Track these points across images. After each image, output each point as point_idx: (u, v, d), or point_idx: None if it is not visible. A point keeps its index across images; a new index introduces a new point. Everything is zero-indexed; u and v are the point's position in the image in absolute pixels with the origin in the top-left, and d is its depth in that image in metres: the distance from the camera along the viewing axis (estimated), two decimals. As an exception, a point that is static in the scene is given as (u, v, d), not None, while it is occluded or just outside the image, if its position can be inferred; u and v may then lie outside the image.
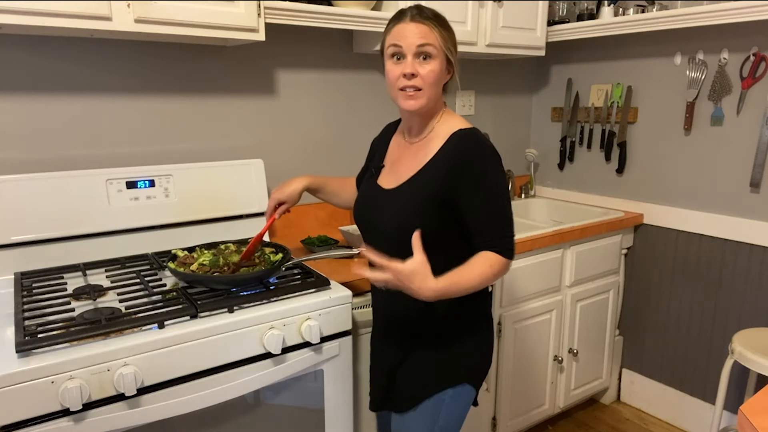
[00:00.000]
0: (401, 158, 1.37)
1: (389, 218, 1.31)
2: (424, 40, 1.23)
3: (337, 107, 2.22)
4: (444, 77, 1.30)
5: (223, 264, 1.48)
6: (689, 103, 2.27)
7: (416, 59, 1.24)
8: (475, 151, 1.26)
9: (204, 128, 1.93)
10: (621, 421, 2.55)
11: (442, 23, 1.27)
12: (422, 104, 1.27)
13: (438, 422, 1.35)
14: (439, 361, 1.35)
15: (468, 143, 1.27)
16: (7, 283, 1.53)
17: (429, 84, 1.25)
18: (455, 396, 1.35)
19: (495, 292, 2.04)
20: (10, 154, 1.62)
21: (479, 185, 1.24)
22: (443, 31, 1.26)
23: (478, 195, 1.24)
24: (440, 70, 1.27)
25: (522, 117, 2.91)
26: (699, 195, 2.31)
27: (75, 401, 1.11)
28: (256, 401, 1.44)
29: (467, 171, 1.24)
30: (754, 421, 0.92)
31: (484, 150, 1.27)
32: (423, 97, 1.27)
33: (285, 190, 1.60)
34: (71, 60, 1.67)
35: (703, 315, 2.35)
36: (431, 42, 1.24)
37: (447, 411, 1.35)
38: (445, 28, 1.27)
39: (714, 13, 2.01)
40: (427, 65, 1.25)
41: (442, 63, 1.27)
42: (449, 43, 1.27)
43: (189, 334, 1.26)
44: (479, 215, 1.25)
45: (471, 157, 1.25)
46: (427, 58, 1.25)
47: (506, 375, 2.14)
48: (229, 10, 1.58)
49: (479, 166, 1.25)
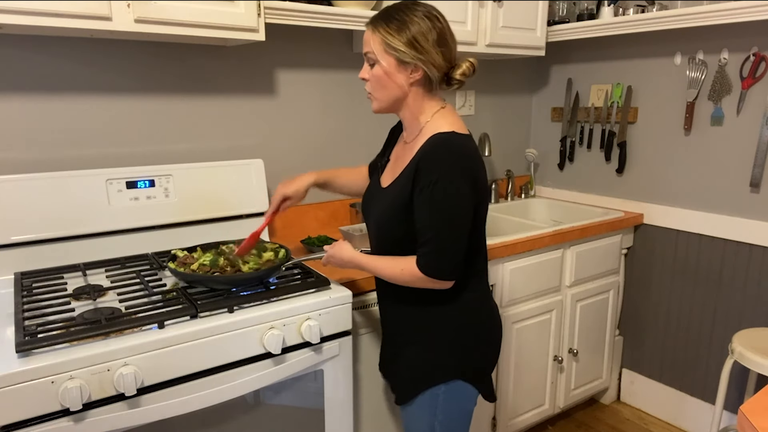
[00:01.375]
0: (399, 157, 1.39)
1: (375, 214, 1.37)
2: (366, 46, 1.27)
3: (337, 107, 2.22)
4: (400, 78, 1.26)
5: (223, 264, 1.48)
6: (689, 103, 2.27)
7: (367, 64, 1.29)
8: (435, 161, 1.21)
9: (204, 128, 1.93)
10: (621, 421, 2.55)
11: (389, 21, 1.23)
12: (377, 107, 1.32)
13: (437, 416, 1.37)
14: (430, 357, 1.36)
15: (433, 150, 1.23)
16: (7, 283, 1.53)
17: (374, 88, 1.29)
18: (449, 392, 1.36)
19: (495, 291, 2.04)
20: (10, 154, 1.62)
21: (424, 195, 1.21)
22: (388, 32, 1.22)
23: (421, 204, 1.23)
24: (384, 73, 1.25)
25: (522, 117, 2.91)
26: (699, 195, 2.31)
27: (75, 401, 1.11)
28: (256, 401, 1.44)
29: (421, 177, 1.22)
30: (754, 421, 0.92)
31: (444, 162, 1.21)
32: (375, 100, 1.31)
33: (292, 185, 1.56)
34: (71, 60, 1.67)
35: (703, 315, 2.35)
36: (370, 48, 1.26)
37: (444, 406, 1.36)
38: (393, 27, 1.22)
39: (714, 13, 2.01)
40: (372, 70, 1.28)
41: (390, 66, 1.25)
42: (398, 42, 1.22)
43: (189, 334, 1.26)
44: (419, 224, 1.24)
45: (429, 164, 1.22)
46: (373, 64, 1.27)
47: (506, 375, 2.14)
48: (229, 10, 1.58)
49: (432, 176, 1.20)
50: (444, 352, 1.35)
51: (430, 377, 1.36)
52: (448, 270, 1.24)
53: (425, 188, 1.21)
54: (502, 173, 2.86)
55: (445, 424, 1.38)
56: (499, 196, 2.78)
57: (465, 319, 1.36)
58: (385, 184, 1.38)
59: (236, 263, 1.50)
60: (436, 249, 1.22)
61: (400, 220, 1.28)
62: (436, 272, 1.23)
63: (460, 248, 1.24)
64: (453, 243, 1.23)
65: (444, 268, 1.24)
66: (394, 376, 1.47)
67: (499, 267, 2.02)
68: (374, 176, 1.47)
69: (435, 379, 1.35)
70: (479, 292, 1.38)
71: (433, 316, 1.34)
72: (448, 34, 1.27)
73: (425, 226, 1.23)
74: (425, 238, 1.23)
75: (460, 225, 1.23)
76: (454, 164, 1.21)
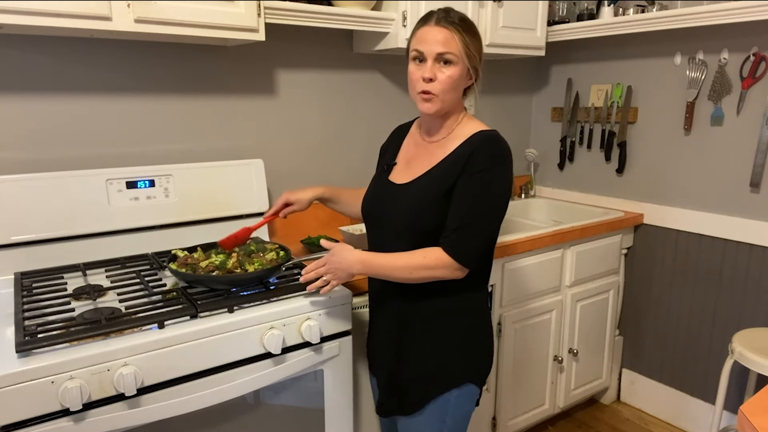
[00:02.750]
0: (417, 156, 1.38)
1: (401, 209, 1.32)
2: (444, 46, 1.24)
3: (337, 107, 2.22)
4: (464, 82, 1.31)
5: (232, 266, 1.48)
6: (689, 103, 2.27)
7: (436, 63, 1.26)
8: (490, 150, 1.26)
9: (204, 128, 1.93)
10: (621, 421, 2.55)
11: (467, 28, 1.27)
12: (437, 108, 1.30)
13: (446, 422, 1.35)
14: (441, 363, 1.34)
15: (487, 142, 1.28)
16: (7, 283, 1.53)
17: (445, 89, 1.27)
18: (460, 396, 1.34)
19: (495, 291, 2.04)
20: (10, 154, 1.62)
21: (473, 180, 1.24)
22: (467, 37, 1.26)
23: (467, 188, 1.24)
24: (459, 76, 1.27)
25: (522, 117, 2.91)
26: (699, 195, 2.31)
27: (75, 401, 1.11)
28: (256, 401, 1.44)
29: (472, 163, 1.24)
30: (754, 421, 0.92)
31: (498, 152, 1.27)
32: (438, 102, 1.29)
33: (297, 193, 1.61)
34: (71, 60, 1.67)
35: (703, 315, 2.35)
36: (451, 49, 1.25)
37: (453, 411, 1.35)
38: (471, 33, 1.27)
39: (714, 13, 2.01)
40: (446, 70, 1.26)
41: (463, 69, 1.27)
42: (472, 49, 1.27)
43: (189, 334, 1.26)
44: (457, 207, 1.24)
45: (482, 154, 1.25)
46: (447, 64, 1.26)
47: (506, 375, 2.14)
48: (229, 10, 1.58)
49: (487, 164, 1.24)
50: (455, 354, 1.34)
51: (443, 382, 1.33)
52: (473, 256, 1.25)
53: (476, 174, 1.23)
54: (502, 173, 2.86)
55: (453, 429, 1.36)
56: (499, 196, 2.78)
57: (471, 317, 1.36)
58: (402, 181, 1.36)
59: (244, 264, 1.50)
60: (470, 233, 1.23)
61: (439, 209, 1.27)
62: (464, 257, 1.23)
63: (488, 239, 1.28)
64: (485, 232, 1.26)
65: (471, 255, 1.25)
66: (394, 384, 1.39)
67: (499, 267, 2.02)
68: (379, 179, 1.45)
69: (448, 383, 1.33)
70: (482, 291, 1.38)
71: (440, 312, 1.33)
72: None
73: (465, 210, 1.23)
74: (461, 222, 1.23)
75: (497, 217, 1.27)
76: (505, 160, 1.27)
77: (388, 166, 1.44)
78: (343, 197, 1.65)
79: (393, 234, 1.34)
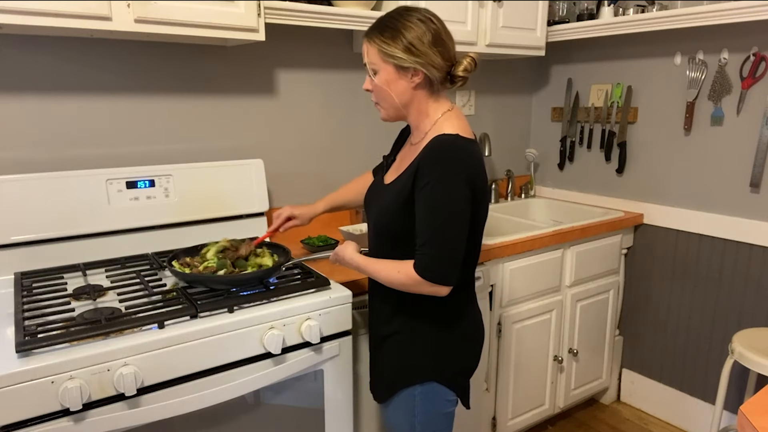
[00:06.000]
0: (404, 158, 1.40)
1: (377, 209, 1.38)
2: (366, 58, 1.30)
3: (338, 107, 2.22)
4: (404, 84, 1.27)
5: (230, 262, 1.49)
6: (689, 103, 2.27)
7: (370, 75, 1.31)
8: (436, 161, 1.21)
9: (204, 128, 1.93)
10: (621, 421, 2.55)
11: (383, 29, 1.25)
12: (385, 115, 1.34)
13: (416, 416, 1.37)
14: (407, 356, 1.37)
15: (434, 151, 1.23)
16: (7, 283, 1.53)
17: (381, 96, 1.31)
18: (424, 393, 1.36)
19: (495, 291, 2.04)
20: (10, 154, 1.62)
21: (422, 195, 1.22)
22: (382, 39, 1.24)
23: (419, 204, 1.23)
24: (387, 81, 1.27)
25: (522, 117, 2.91)
26: (699, 195, 2.31)
27: (75, 401, 1.11)
28: (256, 401, 1.44)
29: (420, 176, 1.23)
30: (754, 421, 0.92)
31: (444, 163, 1.21)
32: (382, 109, 1.34)
33: (299, 208, 1.66)
34: (71, 60, 1.67)
35: (703, 315, 2.35)
36: (370, 59, 1.29)
37: (421, 407, 1.37)
38: (387, 34, 1.24)
39: (714, 13, 2.01)
40: (375, 79, 1.29)
41: (389, 73, 1.26)
42: (393, 48, 1.23)
43: (189, 334, 1.26)
44: (417, 223, 1.24)
45: (429, 164, 1.22)
46: (375, 74, 1.29)
47: (506, 375, 2.14)
48: (229, 10, 1.58)
49: (432, 176, 1.21)
50: (420, 352, 1.35)
51: (407, 377, 1.36)
52: (444, 273, 1.22)
53: (424, 187, 1.21)
54: (502, 173, 2.86)
55: (426, 425, 1.38)
56: (499, 196, 2.78)
57: (446, 320, 1.35)
58: (388, 181, 1.39)
59: (242, 265, 1.50)
60: (434, 250, 1.21)
61: (399, 217, 1.28)
62: (432, 275, 1.21)
63: (457, 252, 1.23)
64: (450, 245, 1.21)
65: (441, 271, 1.21)
66: (373, 372, 1.49)
67: (499, 267, 2.02)
68: (379, 175, 1.49)
69: (411, 379, 1.36)
70: (464, 296, 1.38)
71: (416, 309, 1.34)
72: (444, 33, 1.27)
73: (423, 226, 1.22)
74: (423, 238, 1.22)
75: (457, 227, 1.22)
76: (454, 166, 1.21)
77: (388, 164, 1.46)
78: (344, 198, 1.69)
79: (373, 229, 1.40)
